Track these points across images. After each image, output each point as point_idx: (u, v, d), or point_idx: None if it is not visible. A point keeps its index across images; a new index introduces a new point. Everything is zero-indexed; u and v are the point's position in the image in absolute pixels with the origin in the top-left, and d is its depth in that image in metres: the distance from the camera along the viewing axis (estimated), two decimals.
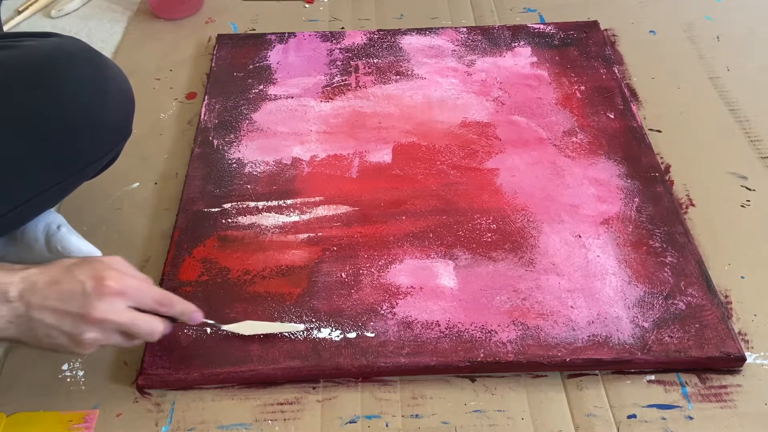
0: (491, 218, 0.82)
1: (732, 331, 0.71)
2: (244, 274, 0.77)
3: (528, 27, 1.10)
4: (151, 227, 0.85)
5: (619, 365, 0.70)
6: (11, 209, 0.67)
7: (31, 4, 1.20)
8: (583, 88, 0.99)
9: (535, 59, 1.04)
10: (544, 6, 1.17)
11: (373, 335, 0.72)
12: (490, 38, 1.08)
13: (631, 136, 0.92)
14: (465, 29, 1.10)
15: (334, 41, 1.09)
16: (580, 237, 0.80)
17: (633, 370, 0.70)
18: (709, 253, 0.80)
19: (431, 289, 0.76)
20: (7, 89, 0.65)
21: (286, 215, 0.84)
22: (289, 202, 0.85)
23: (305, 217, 0.83)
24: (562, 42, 1.07)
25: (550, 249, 0.79)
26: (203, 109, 0.97)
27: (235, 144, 0.92)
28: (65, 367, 0.72)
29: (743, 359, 0.69)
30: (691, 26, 1.12)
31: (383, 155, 0.91)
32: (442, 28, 1.10)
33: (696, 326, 0.71)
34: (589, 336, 0.71)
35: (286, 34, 1.10)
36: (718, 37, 1.10)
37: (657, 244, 0.79)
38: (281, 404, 0.69)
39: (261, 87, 1.01)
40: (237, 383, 0.70)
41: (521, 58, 1.04)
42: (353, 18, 1.17)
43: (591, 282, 0.76)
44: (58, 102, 0.66)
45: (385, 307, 0.74)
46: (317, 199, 0.85)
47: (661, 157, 0.90)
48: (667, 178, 0.88)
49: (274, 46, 1.08)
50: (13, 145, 0.65)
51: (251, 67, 1.04)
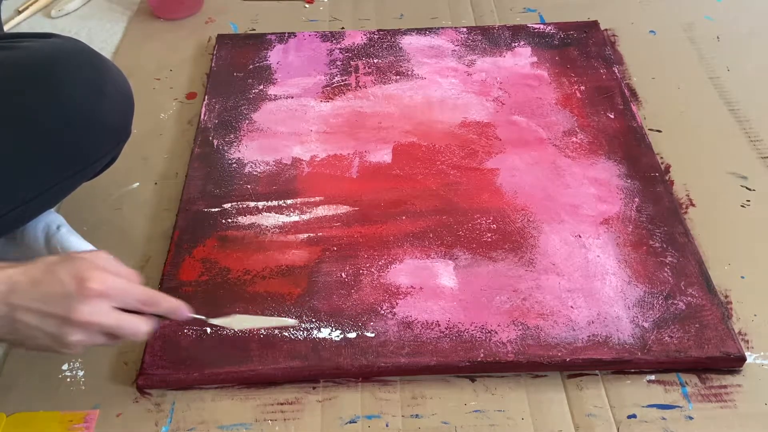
0: (491, 218, 0.82)
1: (732, 331, 0.71)
2: (244, 274, 0.77)
3: (528, 27, 1.10)
4: (151, 227, 0.85)
5: (619, 365, 0.70)
6: (11, 210, 0.67)
7: (31, 4, 1.20)
8: (583, 88, 0.99)
9: (535, 59, 1.04)
10: (544, 6, 1.17)
11: (373, 335, 0.72)
12: (490, 38, 1.08)
13: (631, 136, 0.92)
14: (465, 29, 1.10)
15: (334, 41, 1.09)
16: (580, 237, 0.80)
17: (633, 370, 0.70)
18: (709, 253, 0.80)
19: (431, 289, 0.76)
20: (7, 90, 0.65)
21: (286, 215, 0.84)
22: (289, 202, 0.85)
23: (305, 217, 0.83)
24: (562, 42, 1.07)
25: (550, 249, 0.79)
26: (203, 109, 0.97)
27: (235, 144, 0.92)
28: (65, 367, 0.72)
29: (743, 359, 0.69)
30: (691, 26, 1.12)
31: (383, 155, 0.91)
32: (442, 28, 1.10)
33: (696, 326, 0.71)
34: (589, 336, 0.71)
35: (286, 34, 1.10)
36: (718, 37, 1.10)
37: (657, 244, 0.79)
38: (281, 404, 0.69)
39: (261, 87, 1.01)
40: (237, 383, 0.70)
41: (521, 58, 1.04)
42: (353, 18, 1.17)
43: (591, 282, 0.76)
44: (57, 103, 0.66)
45: (385, 307, 0.74)
46: (317, 199, 0.85)
47: (661, 157, 0.90)
48: (667, 178, 0.88)
49: (274, 46, 1.08)
50: (12, 146, 0.65)
51: (251, 67, 1.04)
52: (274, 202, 0.85)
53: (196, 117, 0.98)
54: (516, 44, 1.07)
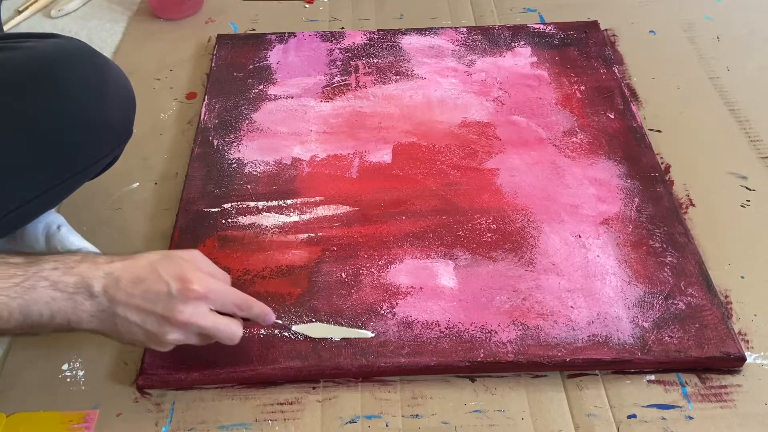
0: (491, 218, 0.82)
1: (732, 331, 0.71)
2: (244, 274, 0.77)
3: (528, 27, 1.10)
4: (151, 227, 0.85)
5: (619, 365, 0.70)
6: (12, 210, 0.67)
7: (31, 4, 1.20)
8: (583, 88, 0.99)
9: (535, 59, 1.04)
10: (544, 6, 1.17)
11: (373, 335, 0.72)
12: (490, 38, 1.08)
13: (631, 136, 0.92)
14: (465, 29, 1.10)
15: (334, 41, 1.09)
16: (580, 237, 0.80)
17: (633, 370, 0.70)
18: (709, 253, 0.80)
19: (431, 289, 0.76)
20: (8, 90, 0.65)
21: (286, 215, 0.84)
22: (289, 202, 0.85)
23: (305, 217, 0.83)
24: (562, 42, 1.07)
25: (550, 249, 0.79)
26: (203, 109, 0.97)
27: (235, 144, 0.92)
28: (65, 367, 0.72)
29: (743, 359, 0.69)
30: (691, 26, 1.12)
31: (383, 155, 0.91)
32: (442, 28, 1.10)
33: (696, 326, 0.71)
34: (589, 336, 0.71)
35: (286, 34, 1.10)
36: (718, 37, 1.10)
37: (657, 244, 0.79)
38: (281, 404, 0.69)
39: (261, 87, 1.01)
40: (237, 383, 0.70)
41: (521, 58, 1.04)
42: (353, 18, 1.17)
43: (591, 282, 0.76)
44: (58, 103, 0.66)
45: (385, 307, 0.74)
46: (317, 199, 0.85)
47: (661, 157, 0.90)
48: (667, 178, 0.88)
49: (274, 46, 1.08)
50: (13, 147, 0.65)
51: (251, 67, 1.04)
52: (274, 202, 0.85)
53: (196, 117, 0.98)
54: (516, 44, 1.07)
